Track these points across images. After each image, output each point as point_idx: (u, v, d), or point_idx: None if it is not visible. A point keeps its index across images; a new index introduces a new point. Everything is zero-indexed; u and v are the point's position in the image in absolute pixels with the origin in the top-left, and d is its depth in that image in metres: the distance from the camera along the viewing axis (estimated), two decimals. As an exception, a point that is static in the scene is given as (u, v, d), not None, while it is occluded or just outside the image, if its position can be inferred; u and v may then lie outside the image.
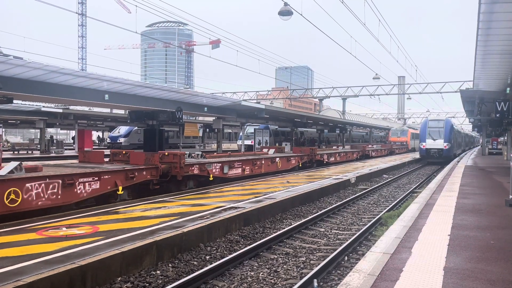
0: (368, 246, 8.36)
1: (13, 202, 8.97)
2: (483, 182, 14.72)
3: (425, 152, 35.18)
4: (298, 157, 23.97)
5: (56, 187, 10.04)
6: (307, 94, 58.36)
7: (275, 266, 7.27)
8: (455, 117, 75.34)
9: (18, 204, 9.08)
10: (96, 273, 5.78)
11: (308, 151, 25.34)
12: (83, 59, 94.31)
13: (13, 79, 14.07)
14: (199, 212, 9.53)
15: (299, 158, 24.04)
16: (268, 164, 20.36)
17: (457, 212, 8.48)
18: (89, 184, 11.04)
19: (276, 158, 21.17)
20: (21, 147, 34.62)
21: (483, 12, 9.00)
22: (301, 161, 24.31)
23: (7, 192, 8.83)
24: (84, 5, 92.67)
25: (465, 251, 5.59)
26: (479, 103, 24.06)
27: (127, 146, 39.26)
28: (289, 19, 16.41)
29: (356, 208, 13.36)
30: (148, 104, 19.90)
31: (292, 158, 23.28)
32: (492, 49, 12.24)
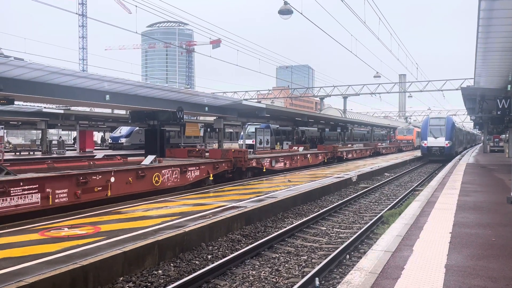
0: (369, 245, 8.36)
1: (156, 183, 13.16)
2: (484, 179, 14.70)
3: (426, 150, 35.13)
4: (323, 154, 27.50)
5: (177, 173, 14.20)
6: (308, 93, 58.33)
7: (276, 265, 7.28)
8: (456, 114, 75.27)
9: (159, 184, 13.25)
10: (98, 273, 5.79)
11: (331, 149, 28.94)
12: (84, 60, 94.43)
13: (14, 80, 14.10)
14: (200, 212, 9.54)
15: (324, 155, 27.54)
16: (302, 159, 23.84)
17: (459, 210, 8.48)
18: (193, 171, 15.14)
19: (307, 154, 24.81)
20: (22, 148, 34.68)
21: (483, 9, 8.99)
22: (326, 157, 27.70)
23: (154, 176, 13.03)
24: (84, 6, 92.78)
25: (467, 249, 5.59)
26: (480, 100, 24.03)
27: (128, 146, 39.32)
28: (289, 18, 16.41)
29: (358, 207, 13.35)
30: (149, 104, 19.92)
31: (320, 154, 26.95)
32: (492, 46, 12.23)
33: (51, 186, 9.81)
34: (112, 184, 11.45)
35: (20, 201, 9.19)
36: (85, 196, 10.68)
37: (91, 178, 10.86)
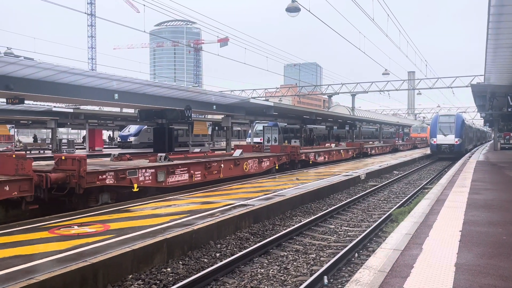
0: (378, 243, 8.32)
1: (245, 170, 16.95)
2: (495, 177, 14.55)
3: (436, 147, 34.85)
4: (353, 150, 31.46)
5: (256, 162, 17.94)
6: (316, 90, 58.16)
7: (285, 263, 7.27)
8: (466, 112, 74.63)
9: (247, 171, 17.08)
10: (108, 270, 5.84)
11: (358, 145, 33.17)
12: (92, 59, 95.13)
13: (24, 79, 14.26)
14: (208, 210, 9.57)
15: (353, 151, 31.50)
16: (337, 154, 27.97)
17: (469, 208, 8.40)
18: (266, 162, 18.92)
19: (340, 150, 28.89)
20: (33, 147, 35.05)
21: (493, 5, 8.88)
22: (355, 153, 31.78)
23: (244, 164, 16.87)
24: (93, 5, 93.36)
25: (477, 247, 5.54)
26: (490, 97, 23.78)
27: (137, 145, 39.56)
28: (296, 15, 16.37)
29: (366, 205, 13.30)
30: (157, 103, 20.02)
31: (350, 150, 30.97)
32: (503, 43, 12.09)
33: (193, 169, 14.08)
34: (222, 169, 15.58)
35: (179, 178, 13.55)
36: (208, 177, 14.74)
37: (211, 164, 14.97)
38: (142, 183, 11.89)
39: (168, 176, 12.87)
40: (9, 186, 8.84)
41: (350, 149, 31.10)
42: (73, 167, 10.25)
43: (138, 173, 11.81)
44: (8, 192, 8.79)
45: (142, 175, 11.92)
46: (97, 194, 10.85)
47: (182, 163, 13.81)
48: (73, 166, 10.27)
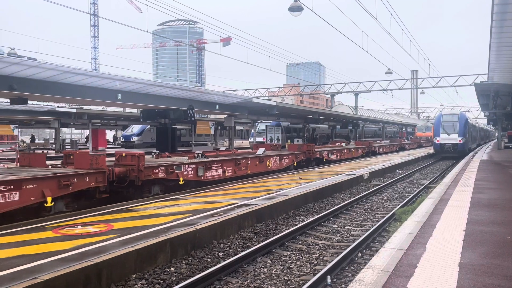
0: (381, 242, 8.30)
1: (268, 166, 18.56)
2: (499, 176, 14.50)
3: (439, 146, 34.73)
4: (362, 148, 33.21)
5: (277, 160, 19.56)
6: (319, 90, 58.09)
7: (288, 262, 7.27)
8: (469, 111, 74.38)
9: (269, 167, 18.64)
10: (111, 270, 5.85)
11: (367, 144, 35.20)
12: (95, 59, 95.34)
13: (27, 80, 14.30)
14: (212, 210, 9.57)
15: (363, 149, 33.17)
16: (348, 152, 29.80)
17: (472, 207, 8.37)
18: (285, 159, 20.37)
19: (351, 149, 30.86)
20: (36, 147, 35.18)
21: (497, 4, 8.85)
22: (364, 151, 33.28)
23: (267, 161, 18.52)
24: (96, 5, 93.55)
25: (481, 247, 5.52)
26: (494, 96, 23.70)
27: (140, 144, 39.61)
28: (299, 15, 16.35)
29: (370, 204, 13.27)
30: (160, 102, 20.04)
31: (360, 149, 32.56)
32: (506, 41, 12.04)
33: (225, 165, 15.54)
34: (249, 166, 17.09)
35: (214, 173, 14.97)
36: (238, 172, 16.34)
37: (240, 161, 16.58)
38: (186, 177, 13.56)
39: (205, 171, 14.52)
40: (89, 177, 10.58)
41: (360, 148, 32.71)
42: (133, 163, 11.83)
43: (183, 168, 13.50)
44: (88, 183, 10.54)
45: (186, 170, 13.63)
46: (150, 186, 12.47)
47: (217, 160, 15.47)
48: (133, 161, 11.85)
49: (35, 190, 9.19)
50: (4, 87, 13.73)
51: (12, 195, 8.71)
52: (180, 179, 13.28)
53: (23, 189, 8.95)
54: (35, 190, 9.19)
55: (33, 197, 9.15)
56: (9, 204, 8.68)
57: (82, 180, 10.31)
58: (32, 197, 9.12)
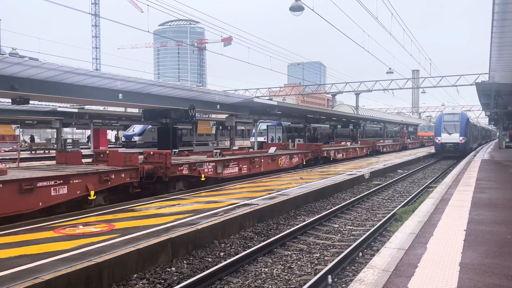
0: (382, 242, 8.31)
1: (280, 165, 19.70)
2: (500, 176, 14.48)
3: (440, 146, 34.70)
4: (367, 148, 34.35)
5: (288, 158, 20.59)
6: (320, 89, 58.06)
7: (289, 262, 7.28)
8: (471, 110, 74.32)
9: (281, 165, 19.72)
10: (113, 270, 5.87)
11: (371, 144, 36.27)
12: (97, 59, 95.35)
13: (29, 80, 14.30)
14: (213, 209, 9.59)
15: (367, 149, 34.34)
16: (353, 151, 31.21)
17: (473, 207, 8.37)
18: (295, 158, 21.63)
19: (356, 148, 32.40)
20: (38, 147, 35.21)
21: (498, 3, 8.84)
22: (368, 150, 34.41)
23: (279, 160, 19.56)
24: (97, 5, 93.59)
25: (482, 246, 5.52)
26: (495, 96, 23.67)
27: (141, 144, 39.62)
28: (300, 14, 16.34)
29: (371, 204, 13.27)
30: (161, 102, 20.04)
31: (364, 148, 33.84)
32: (507, 41, 12.03)
33: (241, 163, 16.63)
34: (262, 164, 18.20)
35: (231, 170, 16.06)
36: (252, 170, 17.32)
37: (255, 160, 17.71)
38: (206, 174, 14.53)
39: (224, 169, 15.53)
40: (124, 174, 11.63)
41: (365, 147, 33.96)
42: (160, 160, 12.76)
43: (204, 165, 14.48)
44: (123, 178, 11.59)
45: (206, 167, 14.60)
46: (174, 183, 13.44)
47: (233, 158, 16.46)
48: (160, 159, 12.78)
49: (80, 185, 10.22)
50: (6, 87, 13.75)
51: (62, 188, 9.72)
52: (202, 176, 14.26)
53: (70, 183, 9.95)
54: (80, 185, 10.22)
55: (79, 190, 10.19)
56: (59, 197, 9.70)
57: (118, 176, 11.42)
58: (78, 191, 10.17)
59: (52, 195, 9.48)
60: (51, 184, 9.43)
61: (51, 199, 9.44)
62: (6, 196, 8.49)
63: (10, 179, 8.74)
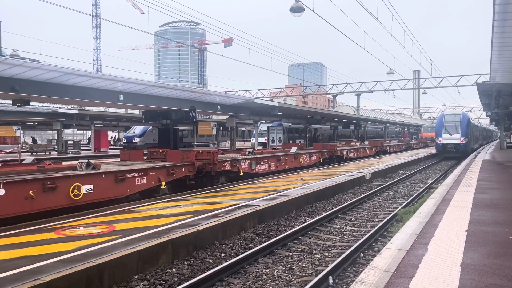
0: (383, 243, 8.29)
1: (301, 163, 21.45)
2: (501, 176, 14.46)
3: (441, 147, 34.65)
4: (375, 148, 36.73)
5: (307, 157, 22.61)
6: (321, 90, 58.05)
7: (290, 263, 7.26)
8: (472, 111, 74.25)
9: (302, 163, 21.56)
10: (113, 271, 5.86)
11: (379, 144, 38.92)
12: (97, 61, 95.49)
13: (29, 81, 14.32)
14: (213, 210, 9.58)
15: (375, 148, 36.73)
16: (363, 151, 33.32)
17: (475, 208, 8.35)
18: (313, 157, 23.46)
19: (366, 148, 34.36)
20: (39, 148, 35.24)
21: (498, 4, 8.83)
22: (377, 150, 36.86)
23: (300, 158, 21.54)
24: (98, 7, 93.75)
25: (483, 247, 5.51)
26: (496, 96, 23.64)
27: (142, 145, 39.62)
28: (300, 15, 16.35)
29: (372, 205, 13.25)
30: (162, 103, 20.05)
31: (373, 148, 36.25)
32: (508, 41, 12.01)
33: (270, 161, 18.69)
34: (287, 161, 20.20)
35: (262, 167, 17.99)
36: (279, 167, 19.46)
37: (281, 158, 19.67)
38: (243, 169, 16.50)
39: (256, 165, 17.52)
40: (184, 168, 13.77)
41: (373, 147, 36.34)
42: (208, 158, 14.74)
43: (242, 163, 16.52)
44: (184, 172, 13.75)
45: (243, 164, 16.64)
46: (218, 177, 15.32)
47: (264, 157, 18.56)
48: (208, 157, 14.77)
49: (155, 176, 12.38)
50: (7, 89, 13.77)
51: (142, 179, 11.91)
52: (240, 171, 16.26)
53: (148, 175, 12.08)
54: (155, 176, 12.38)
55: (153, 181, 12.32)
56: (141, 186, 11.86)
57: (180, 170, 13.58)
58: (153, 181, 12.29)
59: (136, 184, 11.69)
60: (135, 175, 11.68)
61: (135, 188, 11.70)
62: (107, 184, 10.73)
63: (110, 171, 10.99)
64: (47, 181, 9.23)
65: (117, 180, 10.95)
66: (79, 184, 9.88)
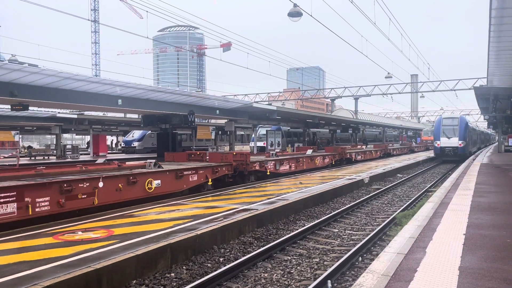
0: (382, 247, 8.30)
1: (316, 164, 23.57)
2: (499, 180, 14.49)
3: (439, 150, 34.70)
4: (380, 151, 38.92)
5: (321, 159, 24.48)
6: (319, 94, 58.16)
7: (288, 267, 7.26)
8: (469, 114, 74.40)
9: (317, 165, 23.71)
10: (112, 276, 5.86)
11: (384, 147, 41.02)
12: (96, 65, 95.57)
13: (28, 86, 14.34)
14: (212, 215, 9.58)
15: (380, 151, 38.93)
16: (369, 154, 35.29)
17: (473, 211, 8.37)
18: (326, 159, 25.50)
19: (372, 151, 36.60)
20: (37, 153, 35.16)
21: (495, 8, 8.89)
22: (382, 153, 39.26)
23: (315, 159, 23.67)
24: (96, 12, 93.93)
25: (481, 251, 5.52)
26: (493, 100, 23.73)
27: (141, 150, 39.62)
28: (298, 20, 16.40)
29: (370, 208, 13.26)
30: (160, 108, 20.07)
31: (378, 151, 38.40)
32: (505, 46, 12.08)
33: (291, 162, 20.99)
34: (304, 163, 22.38)
35: (284, 167, 20.21)
36: (298, 168, 21.51)
37: (300, 159, 21.93)
38: (269, 169, 18.56)
39: (280, 166, 19.73)
40: (225, 168, 16.03)
41: (378, 150, 38.67)
42: (241, 159, 16.92)
43: (268, 163, 18.65)
44: (224, 171, 15.97)
45: (269, 164, 18.77)
46: (249, 176, 17.31)
47: (285, 158, 20.75)
48: (241, 158, 16.96)
49: (203, 174, 14.54)
50: (5, 94, 13.78)
51: (194, 176, 14.07)
52: (267, 171, 18.33)
53: (198, 173, 14.24)
54: (203, 174, 14.54)
55: (202, 178, 14.47)
56: (193, 182, 13.99)
57: (221, 169, 15.75)
58: (202, 179, 14.44)
59: (190, 180, 13.82)
60: (190, 173, 13.80)
61: (189, 183, 13.82)
62: (170, 179, 12.94)
63: (172, 169, 13.18)
64: (130, 177, 11.50)
65: (177, 176, 13.26)
66: (151, 179, 12.21)
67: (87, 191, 10.20)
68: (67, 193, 9.67)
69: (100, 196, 10.48)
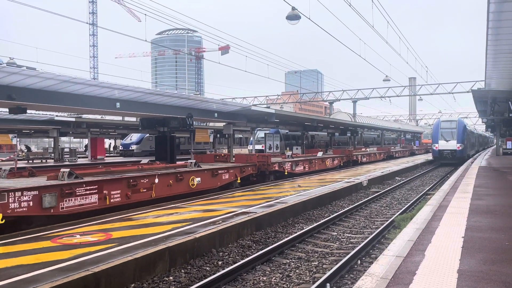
0: (381, 250, 8.30)
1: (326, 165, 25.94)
2: (497, 183, 14.51)
3: (438, 153, 34.76)
4: (383, 153, 41.61)
5: (331, 161, 26.44)
6: (317, 97, 58.21)
7: (287, 270, 7.25)
8: (468, 117, 74.53)
9: (327, 165, 25.92)
10: (110, 279, 5.84)
11: (387, 150, 44.34)
12: (94, 68, 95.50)
13: (26, 89, 14.30)
14: (211, 218, 9.56)
15: (384, 153, 41.54)
16: (374, 156, 37.52)
17: (471, 214, 8.37)
18: (335, 161, 27.48)
19: (376, 153, 38.93)
20: (35, 156, 35.09)
21: (492, 12, 8.92)
22: (385, 155, 41.71)
23: (326, 161, 25.68)
24: (94, 15, 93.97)
25: (480, 253, 5.52)
26: (491, 103, 23.77)
27: (139, 153, 39.55)
28: (297, 23, 16.44)
29: (369, 211, 13.26)
30: (159, 111, 20.03)
31: (382, 153, 40.91)
32: (503, 49, 12.12)
33: (305, 163, 22.82)
34: (316, 164, 24.29)
35: (299, 168, 22.06)
36: (311, 168, 23.37)
37: (312, 161, 23.91)
38: (287, 170, 20.46)
39: (296, 167, 21.41)
40: (250, 168, 18.12)
41: (382, 152, 41.20)
42: (263, 160, 18.97)
43: (286, 164, 20.51)
44: (250, 171, 18.06)
45: (287, 165, 20.66)
46: (268, 176, 19.12)
47: (300, 160, 22.49)
48: (263, 159, 19.00)
49: (233, 173, 16.41)
50: (3, 97, 13.74)
51: (226, 175, 15.93)
52: (285, 171, 20.15)
53: (229, 172, 16.17)
54: (233, 173, 16.41)
55: (232, 177, 16.32)
56: (225, 180, 15.88)
57: (248, 169, 17.81)
58: (232, 177, 16.31)
59: (223, 179, 15.69)
60: (223, 172, 15.70)
61: (222, 181, 15.69)
62: (207, 177, 14.93)
63: (209, 168, 15.32)
64: (178, 174, 13.56)
65: (213, 175, 15.19)
66: (194, 176, 14.18)
67: (147, 186, 12.27)
68: (133, 187, 11.75)
69: (156, 190, 12.55)
